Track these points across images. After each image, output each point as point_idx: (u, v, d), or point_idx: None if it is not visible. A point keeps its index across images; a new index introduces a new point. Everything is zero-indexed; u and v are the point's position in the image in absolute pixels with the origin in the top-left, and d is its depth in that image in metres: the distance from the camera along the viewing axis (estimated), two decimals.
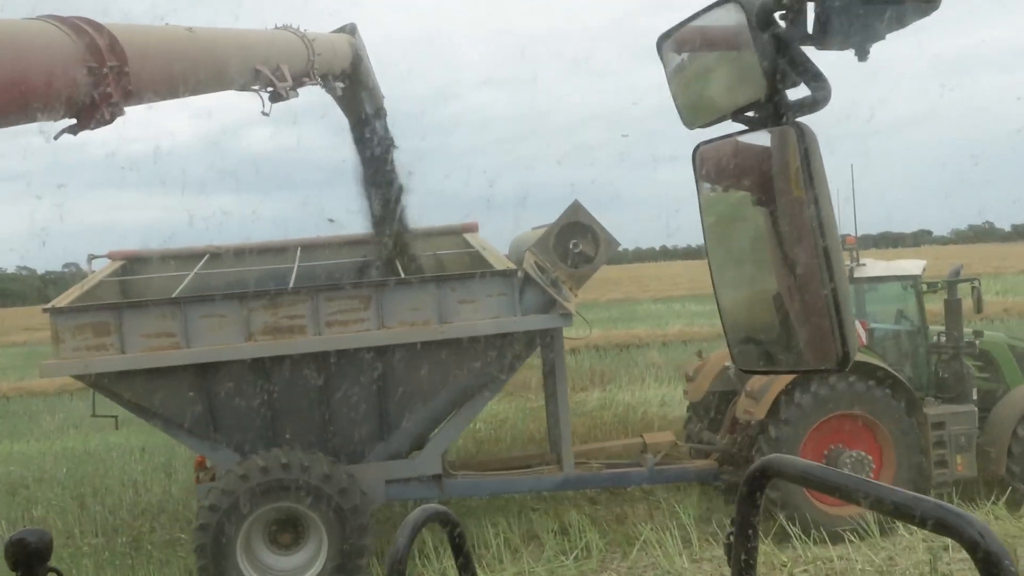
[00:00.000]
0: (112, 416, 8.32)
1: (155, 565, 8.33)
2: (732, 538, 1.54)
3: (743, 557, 1.51)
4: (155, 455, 13.01)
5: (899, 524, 7.84)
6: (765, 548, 7.53)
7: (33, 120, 2.38)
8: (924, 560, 7.26)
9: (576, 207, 8.09)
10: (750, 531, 1.51)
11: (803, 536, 7.81)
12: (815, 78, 1.70)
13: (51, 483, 11.84)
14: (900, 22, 1.64)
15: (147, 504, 10.57)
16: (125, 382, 7.44)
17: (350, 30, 7.72)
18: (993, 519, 8.14)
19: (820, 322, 1.75)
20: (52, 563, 1.69)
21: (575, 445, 8.73)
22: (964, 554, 1.15)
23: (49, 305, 7.41)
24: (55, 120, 2.50)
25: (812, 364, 1.87)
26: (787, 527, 7.83)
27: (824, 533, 7.87)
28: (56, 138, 2.55)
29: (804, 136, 1.70)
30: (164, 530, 9.59)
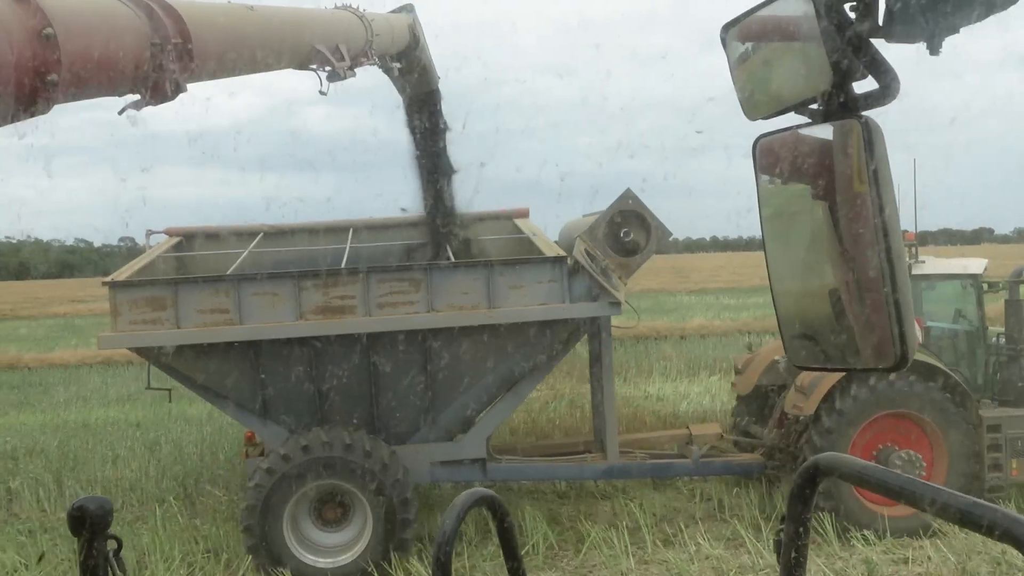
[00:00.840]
0: (166, 389, 8.51)
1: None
2: (782, 535, 1.52)
3: (793, 555, 1.49)
4: (148, 431, 13.23)
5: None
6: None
7: (100, 95, 2.43)
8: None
9: (628, 195, 8.03)
10: (801, 528, 1.48)
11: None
12: (884, 71, 1.66)
13: (40, 455, 11.98)
14: (979, 15, 1.59)
15: (119, 479, 10.65)
16: (179, 356, 7.59)
17: (408, 10, 7.74)
18: None
19: (878, 320, 1.72)
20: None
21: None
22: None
23: (108, 279, 7.59)
24: (120, 96, 2.56)
25: (868, 363, 1.84)
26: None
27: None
28: (120, 113, 2.61)
29: (870, 131, 1.66)
30: (130, 508, 9.68)
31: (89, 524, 1.66)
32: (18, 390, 19.04)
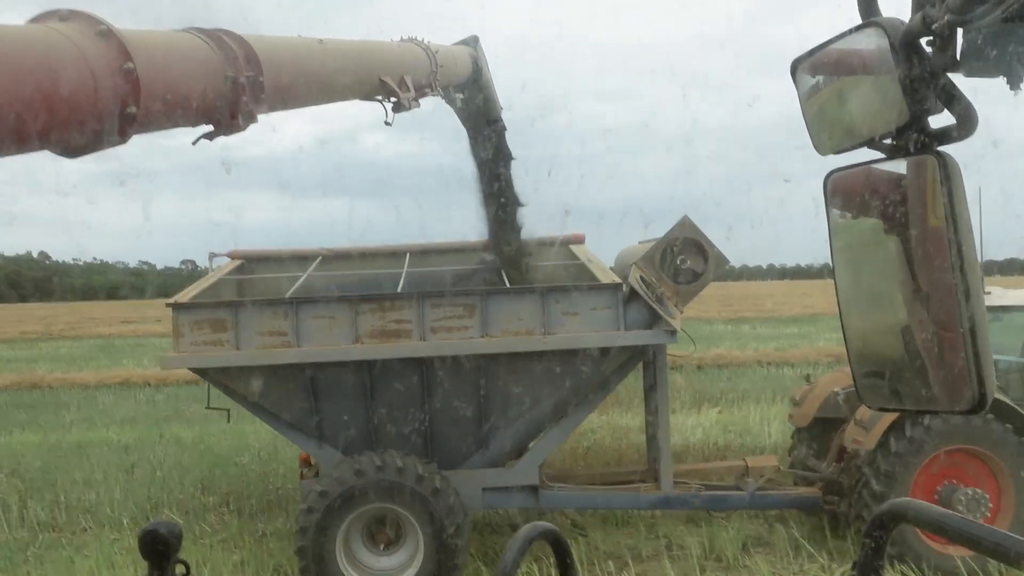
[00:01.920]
0: (225, 409, 8.65)
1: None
2: None
3: None
4: (133, 454, 13.32)
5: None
6: None
7: (176, 127, 2.51)
8: None
9: (685, 222, 7.98)
10: (873, 574, 1.45)
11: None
12: (961, 106, 1.63)
13: (17, 475, 12.07)
14: None
15: (81, 501, 10.71)
16: (237, 377, 7.73)
17: (472, 42, 7.84)
18: None
19: (954, 359, 1.68)
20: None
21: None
22: None
23: (172, 300, 7.77)
24: (195, 126, 2.64)
25: (944, 405, 1.79)
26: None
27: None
28: (194, 143, 2.69)
29: (947, 166, 1.63)
30: (89, 533, 9.71)
31: (160, 548, 1.69)
32: (32, 409, 19.29)
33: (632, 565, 8.00)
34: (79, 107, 2.13)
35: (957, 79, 1.66)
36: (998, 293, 8.68)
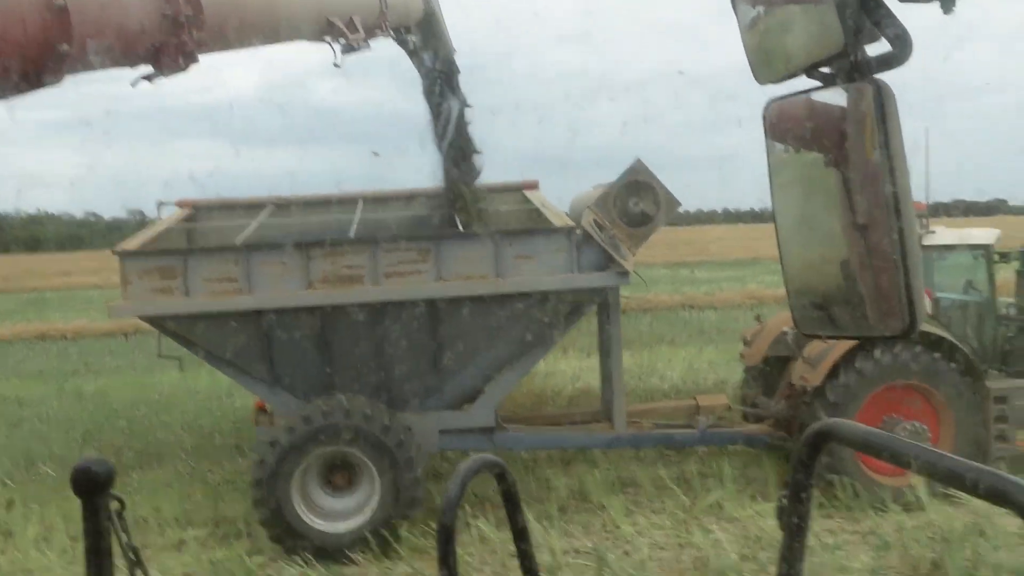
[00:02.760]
0: (176, 357, 8.57)
1: None
2: (785, 500, 1.54)
3: (795, 520, 1.51)
4: (28, 407, 13.17)
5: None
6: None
7: (112, 66, 2.44)
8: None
9: (637, 166, 8.01)
10: (803, 494, 1.50)
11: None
12: (897, 33, 1.64)
13: None
14: None
15: None
16: (189, 325, 7.65)
17: None
18: None
19: (888, 288, 1.72)
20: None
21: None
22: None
23: (119, 248, 7.62)
24: (132, 67, 2.56)
25: (877, 330, 1.85)
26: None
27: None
28: (133, 85, 2.62)
29: (882, 94, 1.65)
30: None
31: (93, 484, 1.69)
32: None
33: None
34: (6, 45, 2.06)
35: (892, 5, 1.67)
36: (943, 233, 8.87)
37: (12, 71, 2.13)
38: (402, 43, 7.36)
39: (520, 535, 1.94)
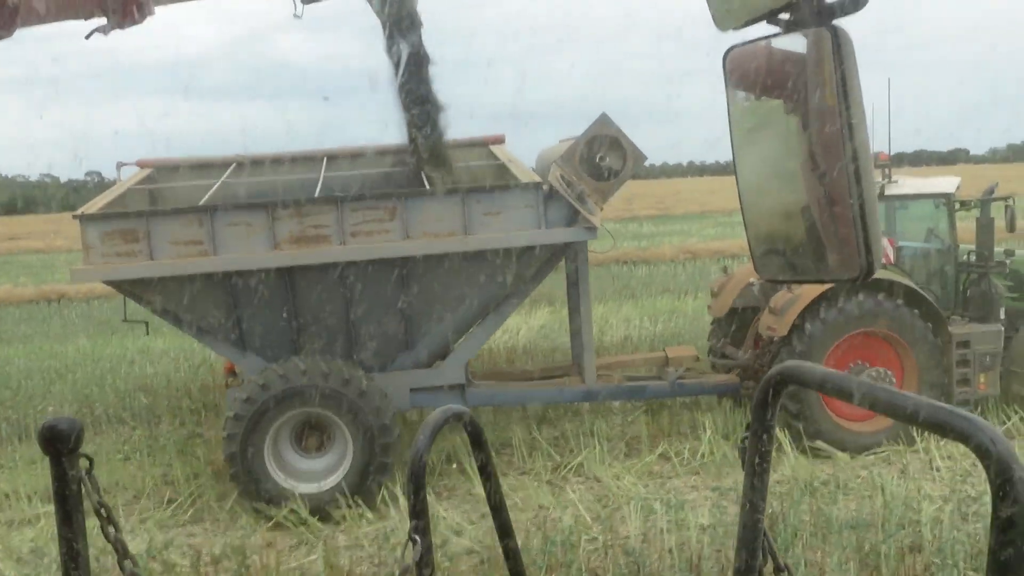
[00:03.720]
0: (143, 322, 8.48)
1: None
2: (746, 442, 1.56)
3: (757, 461, 1.54)
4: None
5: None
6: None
7: (64, 19, 2.36)
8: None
9: (603, 120, 7.98)
10: (765, 436, 1.53)
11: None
12: None
13: None
14: None
15: None
16: (154, 288, 7.55)
17: None
18: (1016, 437, 8.22)
19: (846, 232, 1.74)
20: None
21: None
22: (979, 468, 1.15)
23: (79, 212, 7.49)
24: (86, 19, 2.48)
25: (835, 274, 1.87)
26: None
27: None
28: (87, 38, 2.53)
29: (839, 40, 1.65)
30: None
31: (61, 444, 1.67)
32: None
33: None
34: None
35: None
36: (905, 182, 8.96)
37: None
38: None
39: (485, 473, 1.96)
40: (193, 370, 12.40)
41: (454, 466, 8.00)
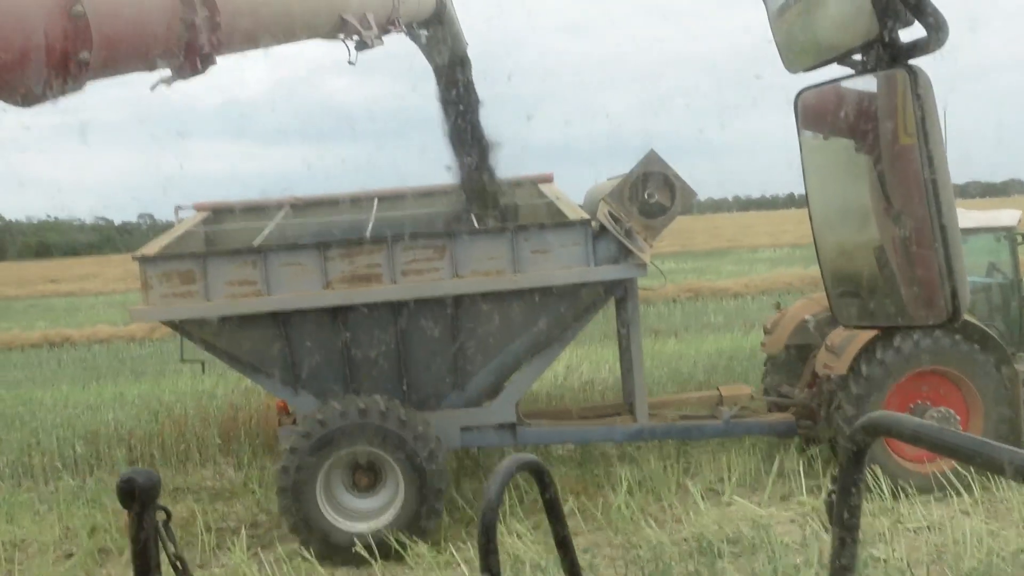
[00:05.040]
0: (199, 361, 8.60)
1: None
2: (834, 496, 1.51)
3: (845, 516, 1.48)
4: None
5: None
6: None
7: (131, 71, 2.43)
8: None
9: (652, 156, 7.96)
10: (853, 489, 1.47)
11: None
12: (931, 17, 1.61)
13: None
14: None
15: None
16: (209, 328, 7.67)
17: None
18: None
19: (927, 275, 1.69)
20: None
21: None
22: None
23: (139, 253, 7.65)
24: (151, 71, 2.55)
25: (918, 319, 1.81)
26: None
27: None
28: (152, 89, 2.60)
29: (918, 80, 1.62)
30: None
31: (139, 496, 1.68)
32: None
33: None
34: (27, 53, 2.05)
35: None
36: (964, 215, 8.78)
37: (34, 79, 2.13)
38: (415, 39, 7.34)
39: (561, 543, 1.91)
40: (151, 416, 11.96)
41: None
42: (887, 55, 1.67)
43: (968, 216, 8.76)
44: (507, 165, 9.04)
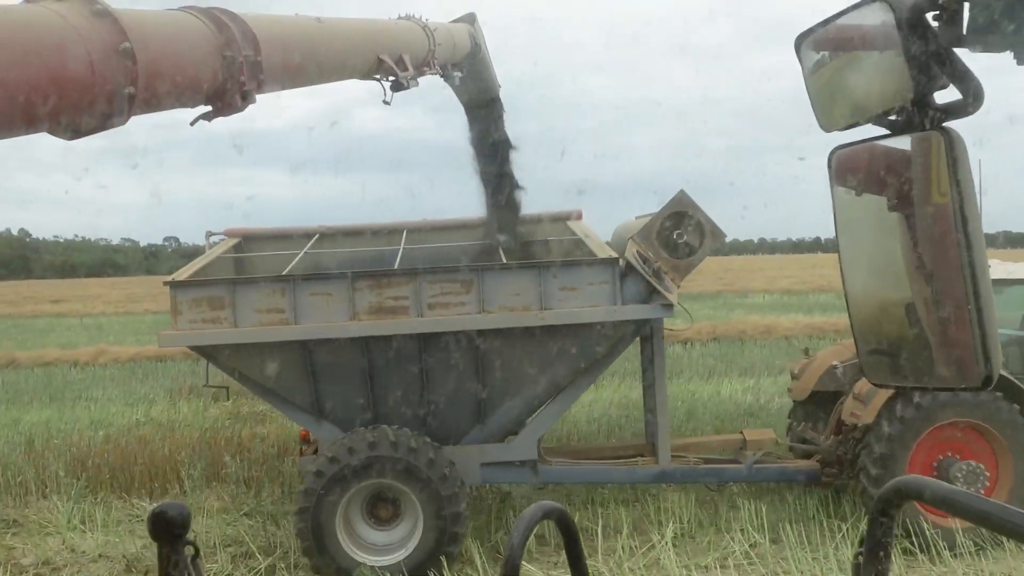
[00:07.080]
0: (223, 387, 8.65)
1: None
2: (861, 558, 1.49)
3: None
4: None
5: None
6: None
7: (174, 107, 2.49)
8: None
9: (681, 197, 7.96)
10: (882, 553, 1.45)
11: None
12: (968, 82, 1.61)
13: None
14: None
15: None
16: (236, 354, 7.72)
17: (470, 20, 7.79)
18: None
19: (960, 336, 1.68)
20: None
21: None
22: None
23: (170, 279, 7.75)
24: (192, 107, 2.61)
25: (950, 382, 1.79)
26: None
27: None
28: (192, 124, 2.67)
29: (953, 143, 1.62)
30: None
31: (169, 529, 1.69)
32: None
33: None
34: (76, 88, 2.11)
35: (963, 54, 1.64)
36: (997, 266, 8.69)
37: (81, 113, 2.18)
38: (448, 80, 7.44)
39: (576, 568, 1.90)
40: (12, 447, 11.77)
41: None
42: (922, 117, 1.68)
43: (1000, 267, 8.66)
44: (535, 201, 9.10)
